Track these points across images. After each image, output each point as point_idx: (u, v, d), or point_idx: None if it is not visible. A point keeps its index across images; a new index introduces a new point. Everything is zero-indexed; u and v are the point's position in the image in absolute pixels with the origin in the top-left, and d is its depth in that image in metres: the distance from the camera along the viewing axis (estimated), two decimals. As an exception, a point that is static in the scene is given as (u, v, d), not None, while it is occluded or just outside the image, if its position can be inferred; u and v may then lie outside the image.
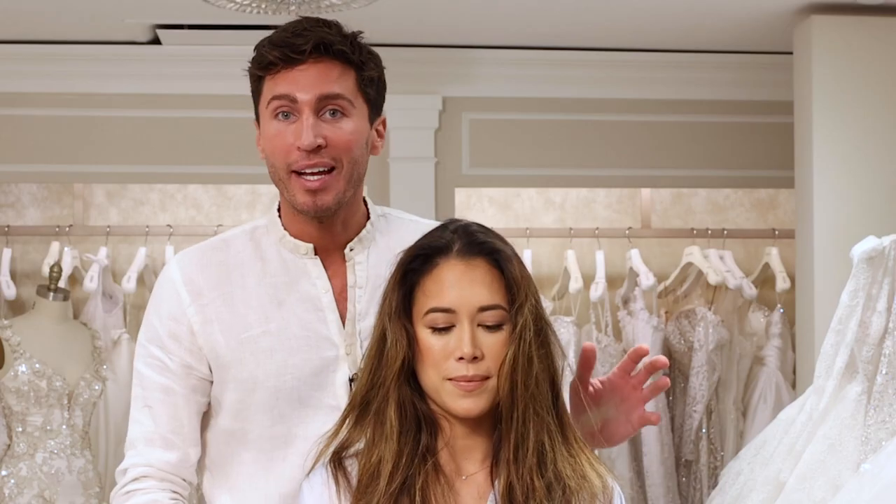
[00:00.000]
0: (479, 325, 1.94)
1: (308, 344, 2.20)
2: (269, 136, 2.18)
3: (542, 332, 1.96)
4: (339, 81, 2.17)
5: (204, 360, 2.21)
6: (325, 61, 2.16)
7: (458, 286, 1.94)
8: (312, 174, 2.15)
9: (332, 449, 1.99)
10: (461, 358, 1.92)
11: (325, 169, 2.16)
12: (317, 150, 2.14)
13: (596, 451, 2.09)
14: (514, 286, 1.95)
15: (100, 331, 4.55)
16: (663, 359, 2.27)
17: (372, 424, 1.96)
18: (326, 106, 2.16)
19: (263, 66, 2.17)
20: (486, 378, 1.93)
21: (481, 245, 1.98)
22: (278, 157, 2.17)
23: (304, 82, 2.15)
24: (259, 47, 2.20)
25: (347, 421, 1.99)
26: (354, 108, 2.19)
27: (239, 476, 2.23)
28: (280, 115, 2.17)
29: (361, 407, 1.98)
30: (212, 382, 2.23)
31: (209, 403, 2.25)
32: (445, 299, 1.94)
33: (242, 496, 2.23)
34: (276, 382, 2.18)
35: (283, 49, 2.15)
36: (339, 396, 2.19)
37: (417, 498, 1.92)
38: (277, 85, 2.16)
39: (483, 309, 1.94)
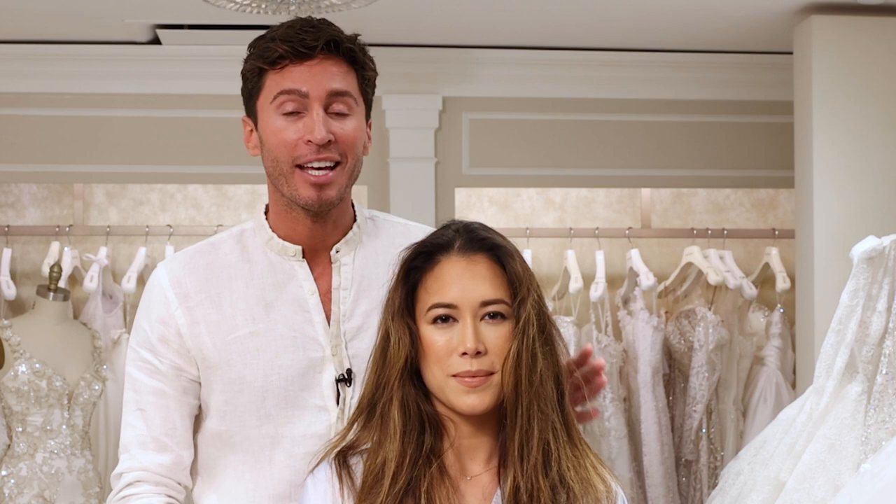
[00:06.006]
0: (481, 319, 1.95)
1: (295, 345, 2.21)
2: (274, 131, 2.18)
3: (545, 328, 1.96)
4: (345, 79, 2.19)
5: (193, 362, 2.22)
6: (333, 59, 2.18)
7: (460, 282, 1.95)
8: (318, 169, 2.16)
9: (338, 448, 2.00)
10: (464, 353, 1.92)
11: (331, 164, 2.17)
12: (326, 144, 2.15)
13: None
14: (516, 281, 1.96)
15: (100, 331, 4.55)
16: (601, 361, 2.21)
17: (378, 426, 1.97)
18: (333, 102, 2.18)
19: (270, 61, 2.17)
20: (490, 374, 1.93)
21: (482, 241, 1.99)
22: (283, 152, 2.17)
23: (315, 77, 2.16)
24: (261, 43, 2.20)
25: (356, 425, 2.00)
26: (357, 107, 2.21)
27: (226, 478, 2.24)
28: (286, 111, 2.17)
29: (368, 409, 1.99)
30: (201, 384, 2.24)
31: (200, 407, 2.26)
32: (447, 295, 1.95)
33: (230, 498, 2.24)
34: (263, 383, 2.19)
35: (293, 44, 2.16)
36: (325, 397, 2.21)
37: (422, 500, 1.92)
38: (285, 79, 2.17)
39: (485, 304, 1.95)
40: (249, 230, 2.29)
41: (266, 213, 2.29)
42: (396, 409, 1.95)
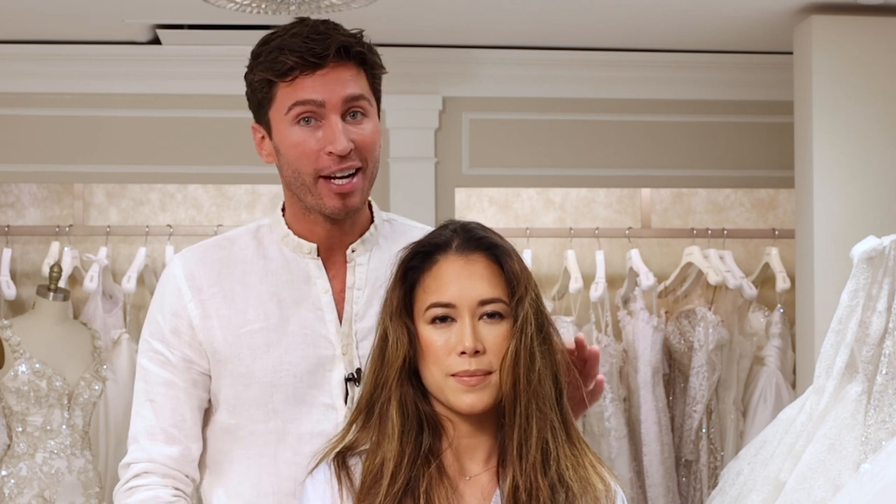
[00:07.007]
0: (480, 319, 1.95)
1: (305, 342, 2.21)
2: (293, 143, 2.17)
3: (543, 327, 1.96)
4: (357, 82, 2.18)
5: (204, 354, 2.23)
6: (344, 64, 2.17)
7: (458, 281, 1.95)
8: (342, 178, 2.16)
9: (337, 449, 2.00)
10: (463, 353, 1.92)
11: (353, 171, 2.17)
12: (348, 153, 2.15)
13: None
14: (514, 280, 1.96)
15: (100, 331, 4.55)
16: (595, 348, 2.18)
17: (376, 426, 1.97)
18: (350, 108, 2.17)
19: (281, 73, 2.15)
20: (489, 373, 1.94)
21: (480, 240, 1.99)
22: (305, 164, 2.16)
23: (329, 86, 2.15)
24: (267, 52, 2.17)
25: (354, 426, 2.00)
26: (371, 108, 2.21)
27: (232, 472, 2.25)
28: (302, 121, 2.16)
29: (367, 409, 1.99)
30: (211, 377, 2.24)
31: (210, 400, 2.27)
32: (445, 294, 1.95)
33: (236, 493, 2.24)
34: (272, 378, 2.20)
35: (302, 54, 2.14)
36: (334, 395, 2.21)
37: (421, 500, 1.92)
38: (298, 90, 2.15)
39: (483, 303, 1.95)
40: (266, 226, 2.29)
41: (283, 209, 2.29)
42: (395, 409, 1.95)
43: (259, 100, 2.21)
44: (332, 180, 2.16)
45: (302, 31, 2.17)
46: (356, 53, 2.17)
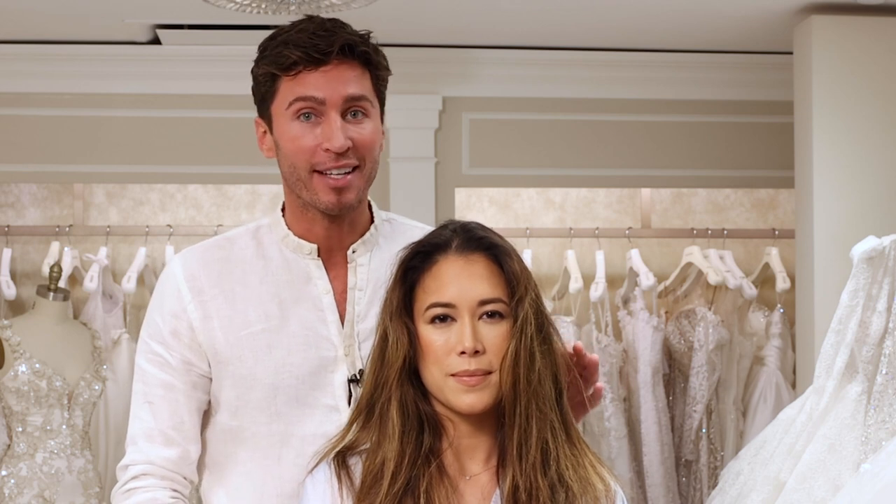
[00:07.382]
0: (479, 319, 1.95)
1: (307, 343, 2.21)
2: (291, 138, 2.17)
3: (543, 327, 1.96)
4: (360, 82, 2.18)
5: (204, 356, 2.22)
6: (348, 62, 2.17)
7: (458, 281, 1.95)
8: (338, 174, 2.16)
9: (337, 449, 2.00)
10: (463, 352, 1.93)
11: (350, 169, 2.17)
12: (345, 151, 2.15)
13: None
14: (514, 280, 1.96)
15: (100, 331, 4.55)
16: (595, 357, 2.19)
17: (377, 426, 1.97)
18: (350, 107, 2.17)
19: (284, 67, 2.16)
20: (489, 373, 1.94)
21: (480, 240, 1.99)
22: (301, 158, 2.17)
23: (331, 84, 2.15)
24: (273, 46, 2.18)
25: (355, 426, 2.00)
26: (373, 109, 2.21)
27: (234, 474, 2.24)
28: (302, 117, 2.17)
29: (367, 409, 1.99)
30: (211, 379, 2.23)
31: (210, 402, 2.26)
32: (445, 294, 1.95)
33: (238, 494, 2.23)
34: (274, 380, 2.19)
35: (307, 49, 2.14)
36: (337, 397, 2.20)
37: (421, 500, 1.92)
38: (300, 86, 2.16)
39: (483, 303, 1.95)
40: (266, 226, 2.29)
41: (283, 210, 2.28)
42: (395, 409, 1.96)
43: (263, 93, 2.21)
44: (328, 175, 2.16)
45: (309, 27, 2.17)
46: (361, 53, 2.18)
